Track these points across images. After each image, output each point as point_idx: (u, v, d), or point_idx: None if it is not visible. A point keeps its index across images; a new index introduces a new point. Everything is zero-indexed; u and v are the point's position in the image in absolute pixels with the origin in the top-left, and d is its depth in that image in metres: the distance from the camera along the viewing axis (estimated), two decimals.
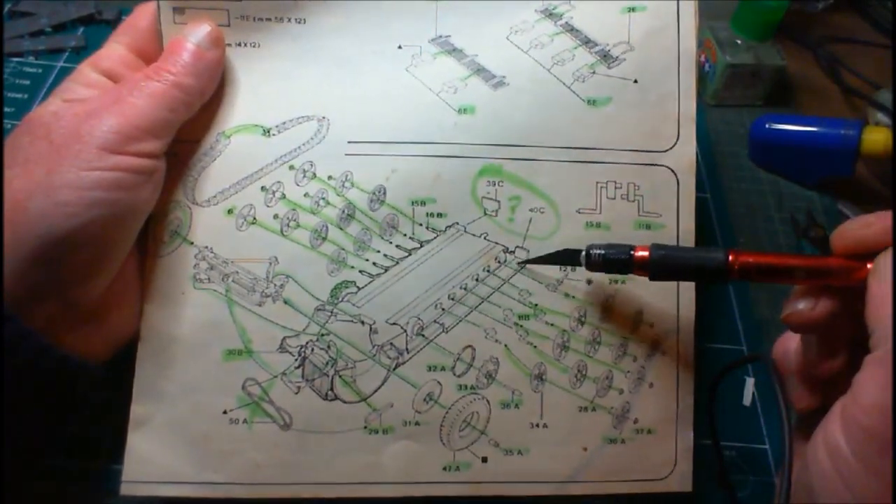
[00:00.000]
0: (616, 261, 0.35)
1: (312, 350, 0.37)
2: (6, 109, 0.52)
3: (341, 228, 0.39)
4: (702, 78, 0.64)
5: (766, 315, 0.50)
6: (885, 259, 0.30)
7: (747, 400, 0.46)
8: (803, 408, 0.35)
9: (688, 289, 0.41)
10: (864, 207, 0.57)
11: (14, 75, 0.54)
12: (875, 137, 0.54)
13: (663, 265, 0.35)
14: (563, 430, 0.39)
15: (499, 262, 0.39)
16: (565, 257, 0.38)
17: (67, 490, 0.38)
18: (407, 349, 0.38)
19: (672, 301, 0.40)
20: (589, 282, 0.40)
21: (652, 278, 0.35)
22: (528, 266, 0.40)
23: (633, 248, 0.35)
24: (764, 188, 0.58)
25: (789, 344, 0.36)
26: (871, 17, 0.75)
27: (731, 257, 0.33)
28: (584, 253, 0.36)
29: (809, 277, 0.33)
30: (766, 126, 0.57)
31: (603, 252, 0.36)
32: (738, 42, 0.61)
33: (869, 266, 0.31)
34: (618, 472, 0.39)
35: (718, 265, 0.33)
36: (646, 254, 0.35)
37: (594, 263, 0.36)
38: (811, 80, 0.68)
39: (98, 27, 0.58)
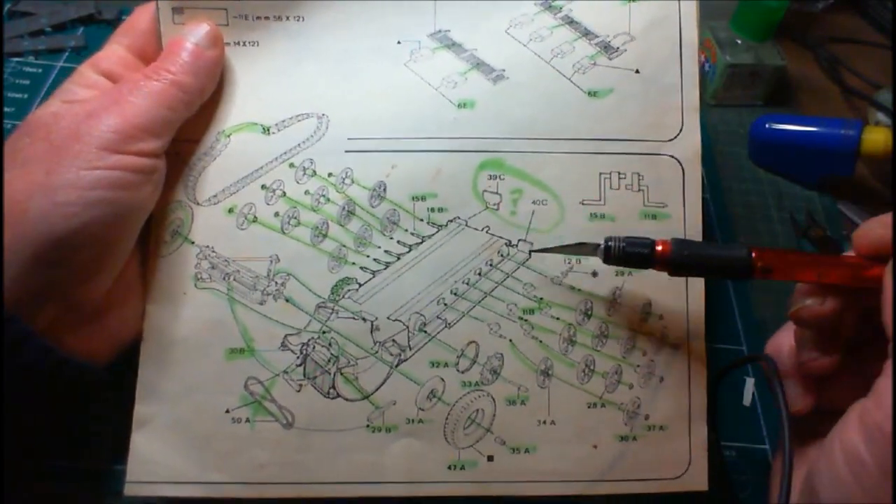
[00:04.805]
0: (637, 255, 0.34)
1: (314, 348, 0.37)
2: (6, 109, 0.52)
3: (342, 225, 0.39)
4: (702, 78, 0.64)
5: (766, 315, 0.50)
6: None
7: (747, 400, 0.45)
8: (796, 410, 0.34)
9: (697, 280, 0.39)
10: (864, 207, 0.57)
11: (14, 75, 0.54)
12: (875, 137, 0.54)
13: (685, 261, 0.33)
14: (571, 428, 0.38)
15: (501, 255, 0.39)
16: (581, 250, 0.37)
17: (70, 491, 0.38)
18: (409, 346, 0.38)
19: (681, 292, 0.39)
20: (595, 273, 0.39)
21: (672, 274, 0.34)
22: (534, 256, 0.39)
23: (654, 241, 0.34)
24: (764, 188, 0.58)
25: (782, 345, 0.36)
26: (871, 17, 0.75)
27: (753, 254, 0.33)
28: (602, 246, 0.35)
29: (829, 276, 0.32)
30: (766, 126, 0.57)
31: (624, 245, 0.34)
32: (738, 42, 0.61)
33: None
34: (630, 472, 0.38)
35: (742, 263, 0.33)
36: (667, 248, 0.34)
37: (613, 257, 0.34)
38: (811, 80, 0.68)
39: (98, 27, 0.58)
